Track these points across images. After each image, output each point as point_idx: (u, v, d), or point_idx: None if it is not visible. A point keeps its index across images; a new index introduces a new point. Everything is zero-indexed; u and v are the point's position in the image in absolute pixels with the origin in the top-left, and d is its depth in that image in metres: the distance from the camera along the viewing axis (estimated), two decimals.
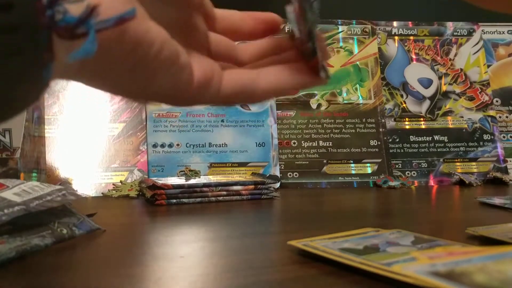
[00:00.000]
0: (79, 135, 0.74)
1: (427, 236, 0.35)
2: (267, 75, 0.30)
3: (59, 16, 0.18)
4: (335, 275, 0.29)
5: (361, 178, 0.82)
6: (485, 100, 0.91)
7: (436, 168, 0.85)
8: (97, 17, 0.19)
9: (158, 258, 0.34)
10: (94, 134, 0.74)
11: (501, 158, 0.87)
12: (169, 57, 0.25)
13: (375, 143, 0.85)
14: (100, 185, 0.72)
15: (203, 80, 0.28)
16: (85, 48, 0.18)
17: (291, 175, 0.81)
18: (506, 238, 0.35)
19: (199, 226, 0.49)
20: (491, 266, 0.25)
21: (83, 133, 0.74)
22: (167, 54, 0.25)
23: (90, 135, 0.74)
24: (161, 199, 0.58)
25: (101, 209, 0.52)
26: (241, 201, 0.62)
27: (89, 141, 0.74)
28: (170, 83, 0.27)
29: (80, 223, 0.39)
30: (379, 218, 0.57)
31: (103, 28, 0.19)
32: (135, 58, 0.24)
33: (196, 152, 0.78)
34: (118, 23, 0.20)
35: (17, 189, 0.38)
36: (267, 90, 0.30)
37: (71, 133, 0.74)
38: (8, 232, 0.34)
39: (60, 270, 0.31)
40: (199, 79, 0.28)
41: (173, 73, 0.26)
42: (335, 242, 0.33)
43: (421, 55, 0.92)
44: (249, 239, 0.41)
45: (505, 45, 0.95)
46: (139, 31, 0.23)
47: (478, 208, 0.57)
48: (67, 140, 0.73)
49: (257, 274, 0.30)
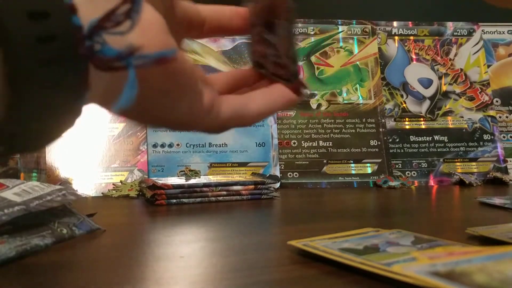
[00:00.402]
0: (79, 135, 0.74)
1: (427, 236, 0.35)
2: (255, 99, 0.32)
3: (98, 47, 0.18)
4: (335, 275, 0.29)
5: (361, 178, 0.82)
6: (485, 100, 0.91)
7: (436, 168, 0.85)
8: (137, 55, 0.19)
9: (158, 258, 0.34)
10: (94, 134, 0.74)
11: (501, 158, 0.87)
12: (195, 82, 0.26)
13: (375, 143, 0.85)
14: (100, 185, 0.72)
15: (209, 105, 0.28)
16: (127, 92, 0.18)
17: (291, 175, 0.81)
18: (506, 238, 0.35)
19: (199, 226, 0.49)
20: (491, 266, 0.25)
21: (83, 133, 0.74)
22: (194, 80, 0.26)
23: (90, 135, 0.74)
24: (161, 199, 0.58)
25: (101, 209, 0.52)
26: (241, 201, 0.62)
27: (89, 141, 0.74)
28: (187, 108, 0.27)
29: (80, 223, 0.39)
30: (379, 218, 0.57)
31: (141, 66, 0.19)
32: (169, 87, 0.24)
33: (196, 152, 0.78)
34: (158, 62, 0.19)
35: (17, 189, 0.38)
36: (258, 113, 0.32)
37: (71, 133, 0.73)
38: (8, 232, 0.34)
39: (60, 270, 0.31)
40: (206, 105, 0.28)
41: (191, 98, 0.27)
42: (335, 242, 0.33)
43: (421, 55, 0.92)
44: (249, 239, 0.41)
45: (505, 45, 0.95)
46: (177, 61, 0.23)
47: (478, 208, 0.57)
48: (67, 140, 0.73)
49: (257, 274, 0.30)
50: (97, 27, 0.18)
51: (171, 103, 0.26)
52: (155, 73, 0.22)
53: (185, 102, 0.26)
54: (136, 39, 0.19)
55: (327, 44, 0.89)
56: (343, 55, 0.89)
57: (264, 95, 0.32)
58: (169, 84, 0.24)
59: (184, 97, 0.26)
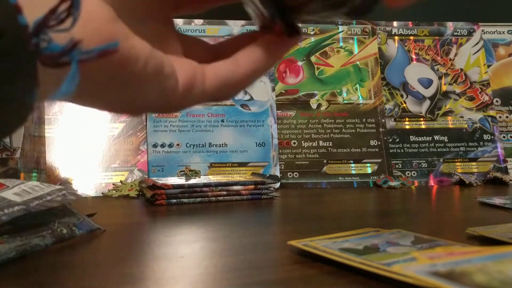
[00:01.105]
0: (79, 135, 0.74)
1: (427, 236, 0.35)
2: (241, 59, 0.30)
3: (44, 44, 0.18)
4: (335, 275, 0.29)
5: (361, 178, 0.82)
6: (485, 100, 0.91)
7: (436, 168, 0.85)
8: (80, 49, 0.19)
9: (158, 258, 0.34)
10: (94, 134, 0.74)
11: (501, 158, 0.87)
12: (155, 68, 0.25)
13: (375, 143, 0.85)
14: (100, 185, 0.72)
15: (188, 83, 0.28)
16: (66, 84, 0.18)
17: (291, 175, 0.81)
18: (506, 238, 0.35)
19: (199, 226, 0.49)
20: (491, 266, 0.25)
21: (83, 133, 0.74)
22: (153, 66, 0.25)
23: (90, 135, 0.74)
24: (161, 199, 0.58)
25: (101, 209, 0.52)
26: (241, 201, 0.62)
27: (89, 141, 0.74)
28: (157, 93, 0.27)
29: (80, 223, 0.39)
30: (379, 218, 0.57)
31: (85, 60, 0.19)
32: (121, 77, 0.24)
33: (196, 152, 0.78)
34: (101, 55, 0.20)
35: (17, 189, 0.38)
36: (246, 74, 0.30)
37: (71, 133, 0.74)
38: (8, 232, 0.34)
39: (60, 270, 0.31)
40: (184, 84, 0.27)
41: (159, 83, 0.26)
42: (335, 242, 0.33)
43: (421, 55, 0.92)
44: (249, 239, 0.41)
45: (505, 45, 0.95)
46: (124, 51, 0.23)
47: (478, 208, 0.57)
48: (67, 140, 0.73)
49: (257, 274, 0.30)
50: (42, 25, 0.18)
51: (130, 91, 0.25)
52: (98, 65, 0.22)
53: (148, 88, 0.26)
54: (78, 33, 0.20)
55: (327, 44, 0.89)
56: (343, 55, 0.89)
57: (249, 52, 0.30)
58: (120, 74, 0.24)
59: (144, 84, 0.25)
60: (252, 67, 0.30)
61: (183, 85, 0.27)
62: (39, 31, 0.18)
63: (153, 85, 0.26)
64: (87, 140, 0.74)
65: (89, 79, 0.22)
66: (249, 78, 0.30)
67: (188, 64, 0.28)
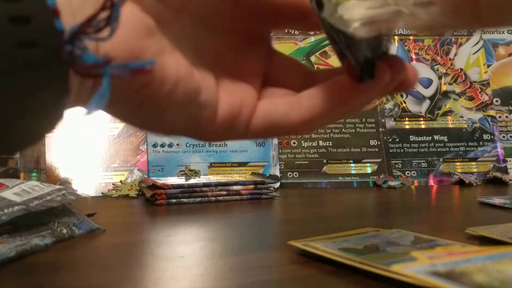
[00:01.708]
0: (79, 135, 0.74)
1: (427, 236, 0.35)
2: (301, 102, 0.24)
3: (79, 52, 0.17)
4: (335, 275, 0.29)
5: (361, 178, 0.82)
6: (485, 100, 0.91)
7: (436, 168, 0.85)
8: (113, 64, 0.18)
9: (158, 258, 0.34)
10: (94, 134, 0.74)
11: (501, 158, 0.87)
12: (185, 95, 0.22)
13: (375, 143, 0.85)
14: (100, 185, 0.72)
15: (229, 117, 0.24)
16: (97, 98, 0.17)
17: (291, 175, 0.81)
18: (506, 238, 0.35)
19: (199, 226, 0.49)
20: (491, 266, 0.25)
21: (83, 133, 0.74)
22: (183, 92, 0.21)
23: (90, 135, 0.74)
24: (161, 199, 0.58)
25: (101, 209, 0.52)
26: (241, 201, 0.62)
27: (89, 141, 0.74)
28: (184, 120, 0.23)
29: (80, 223, 0.39)
30: (379, 218, 0.57)
31: (118, 76, 0.18)
32: (141, 96, 0.21)
33: (196, 152, 0.78)
34: (134, 73, 0.18)
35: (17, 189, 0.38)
36: (301, 122, 0.24)
37: (71, 133, 0.74)
38: (8, 232, 0.34)
39: (60, 270, 0.31)
40: (223, 116, 0.23)
41: (189, 111, 0.23)
42: (335, 242, 0.33)
43: (421, 55, 0.92)
44: (249, 239, 0.41)
45: (505, 45, 0.95)
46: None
47: (478, 208, 0.57)
48: (67, 140, 0.73)
49: (257, 274, 0.30)
50: (79, 32, 0.17)
51: (151, 113, 0.22)
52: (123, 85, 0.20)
53: (175, 114, 0.22)
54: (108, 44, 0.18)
55: (327, 44, 0.89)
56: None
57: (312, 94, 0.24)
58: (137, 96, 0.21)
59: (170, 109, 0.22)
60: (310, 113, 0.24)
61: (223, 118, 0.23)
62: (75, 38, 0.17)
63: (180, 112, 0.22)
64: (87, 140, 0.74)
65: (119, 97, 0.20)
66: (303, 125, 0.24)
67: (238, 95, 0.24)
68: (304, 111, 0.24)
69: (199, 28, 0.23)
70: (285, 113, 0.24)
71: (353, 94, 0.24)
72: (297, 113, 0.24)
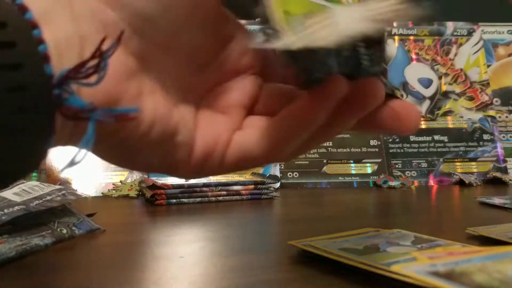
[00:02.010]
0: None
1: (427, 236, 0.35)
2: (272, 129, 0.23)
3: (66, 95, 0.18)
4: (335, 275, 0.29)
5: (361, 178, 0.82)
6: (485, 100, 0.91)
7: (436, 168, 0.85)
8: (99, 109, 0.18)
9: (158, 258, 0.34)
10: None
11: (501, 158, 0.87)
12: (161, 136, 0.21)
13: (375, 143, 0.85)
14: (100, 185, 0.72)
15: (204, 155, 0.23)
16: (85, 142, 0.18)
17: (291, 175, 0.81)
18: (506, 238, 0.35)
19: (199, 226, 0.49)
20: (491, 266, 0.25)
21: None
22: (158, 133, 0.21)
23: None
24: (161, 199, 0.58)
25: (101, 209, 0.52)
26: (241, 201, 0.62)
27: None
28: (159, 160, 0.23)
29: (80, 223, 0.39)
30: (379, 218, 0.57)
31: (103, 120, 0.18)
32: (115, 138, 0.21)
33: None
34: (118, 119, 0.18)
35: (17, 189, 0.38)
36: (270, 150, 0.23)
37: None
38: (8, 232, 0.34)
39: (60, 270, 0.31)
40: (198, 155, 0.23)
41: (164, 151, 0.22)
42: (335, 242, 0.33)
43: (421, 55, 0.92)
44: (249, 239, 0.41)
45: (505, 45, 0.95)
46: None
47: (478, 208, 0.57)
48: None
49: (257, 274, 0.30)
50: (67, 77, 0.18)
51: (125, 151, 0.22)
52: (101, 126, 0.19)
53: (148, 153, 0.22)
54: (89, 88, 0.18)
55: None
56: None
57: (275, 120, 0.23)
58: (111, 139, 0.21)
59: (144, 149, 0.22)
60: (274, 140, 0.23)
61: (197, 157, 0.23)
62: (63, 82, 0.18)
63: (155, 152, 0.22)
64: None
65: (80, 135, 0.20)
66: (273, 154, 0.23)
67: (214, 130, 0.23)
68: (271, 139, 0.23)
69: (185, 64, 0.23)
70: (255, 143, 0.23)
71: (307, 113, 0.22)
72: (267, 142, 0.23)
